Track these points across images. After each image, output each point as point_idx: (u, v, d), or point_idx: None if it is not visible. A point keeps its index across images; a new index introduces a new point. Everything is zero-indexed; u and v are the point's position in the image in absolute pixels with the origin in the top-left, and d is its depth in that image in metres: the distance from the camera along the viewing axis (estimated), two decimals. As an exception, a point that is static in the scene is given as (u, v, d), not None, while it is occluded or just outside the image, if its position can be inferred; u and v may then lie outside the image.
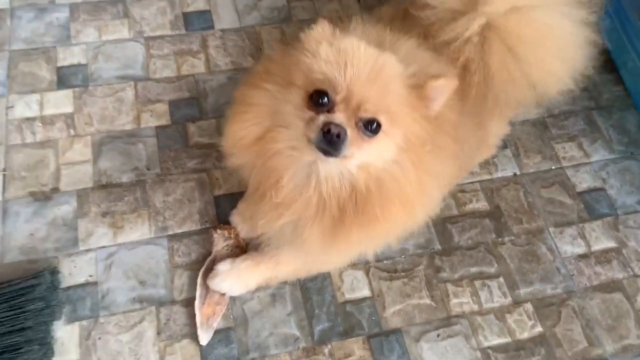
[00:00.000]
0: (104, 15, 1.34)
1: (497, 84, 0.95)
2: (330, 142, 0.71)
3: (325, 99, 0.72)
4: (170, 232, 1.07)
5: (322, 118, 0.72)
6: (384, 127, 0.74)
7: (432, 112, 0.78)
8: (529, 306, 1.05)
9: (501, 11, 0.90)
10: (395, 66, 0.76)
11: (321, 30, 0.77)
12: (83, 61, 1.27)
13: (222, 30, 1.36)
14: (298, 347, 0.98)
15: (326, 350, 0.98)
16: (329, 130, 0.70)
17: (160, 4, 1.38)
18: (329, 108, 0.72)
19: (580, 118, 1.29)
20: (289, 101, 0.76)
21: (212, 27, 1.36)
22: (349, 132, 0.71)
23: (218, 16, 1.38)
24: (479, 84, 0.95)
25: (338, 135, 0.71)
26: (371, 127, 0.73)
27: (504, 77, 0.95)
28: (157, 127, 1.19)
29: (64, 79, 1.24)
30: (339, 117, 0.72)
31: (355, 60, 0.73)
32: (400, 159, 0.77)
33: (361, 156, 0.75)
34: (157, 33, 1.33)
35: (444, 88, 0.77)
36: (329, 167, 0.77)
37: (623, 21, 1.26)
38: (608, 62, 1.37)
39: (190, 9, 1.38)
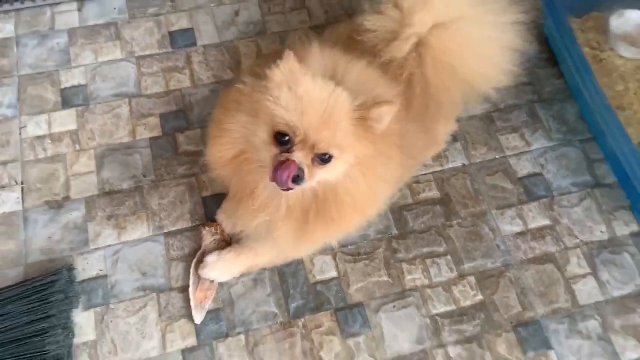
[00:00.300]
0: (99, 38, 1.50)
1: (435, 93, 1.11)
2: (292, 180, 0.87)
3: (287, 138, 0.87)
4: (166, 231, 1.25)
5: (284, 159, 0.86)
6: (335, 156, 0.89)
7: (378, 132, 0.93)
8: (472, 279, 1.22)
9: (425, 30, 1.05)
10: (345, 104, 0.89)
11: (284, 67, 0.89)
12: (83, 82, 1.43)
13: (204, 47, 1.51)
14: (277, 322, 1.16)
15: (300, 323, 1.16)
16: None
17: (148, 25, 1.53)
18: (290, 147, 0.87)
19: (524, 111, 1.44)
20: (257, 135, 0.90)
21: (195, 44, 1.52)
22: (306, 170, 0.87)
23: (200, 33, 1.53)
24: (420, 95, 1.11)
25: (298, 176, 0.86)
26: (324, 158, 0.89)
27: (440, 86, 1.10)
28: (150, 139, 1.36)
29: (67, 99, 1.41)
30: (298, 156, 0.86)
31: (311, 107, 0.87)
32: (351, 172, 0.93)
33: (317, 179, 0.91)
34: (147, 52, 1.49)
35: (387, 113, 0.91)
36: None
37: (556, 20, 1.40)
38: (551, 57, 1.52)
39: (175, 28, 1.54)
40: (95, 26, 1.52)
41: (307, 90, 0.88)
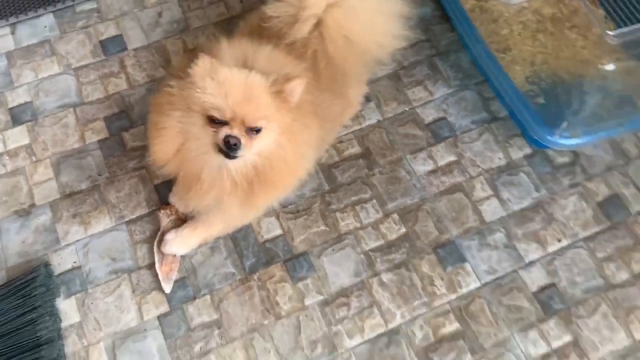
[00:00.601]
0: (35, 57, 1.58)
1: (338, 64, 1.24)
2: (230, 148, 1.01)
3: (219, 119, 1.01)
4: (126, 219, 1.37)
5: (223, 131, 1.00)
6: (263, 126, 1.03)
7: (293, 103, 1.06)
8: (395, 215, 1.40)
9: (320, 10, 1.17)
10: (261, 82, 1.02)
11: (202, 65, 1.01)
12: (28, 99, 1.52)
13: (135, 50, 1.61)
14: (235, 279, 1.32)
15: (256, 277, 1.32)
16: (229, 141, 1.00)
17: (79, 38, 1.62)
18: (224, 123, 1.01)
19: (425, 65, 1.60)
20: (193, 123, 1.03)
21: (125, 48, 1.61)
22: (242, 140, 1.01)
23: (129, 38, 1.63)
24: (326, 67, 1.24)
25: (235, 144, 1.00)
26: (255, 129, 1.02)
27: (341, 58, 1.23)
28: (99, 141, 1.46)
29: (16, 117, 1.49)
30: (235, 131, 1.00)
31: (233, 88, 1.00)
32: (279, 141, 1.07)
33: (253, 149, 1.04)
34: (82, 63, 1.58)
35: (297, 86, 1.04)
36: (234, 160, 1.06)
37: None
38: (443, 14, 1.67)
39: (105, 36, 1.63)
40: (30, 46, 1.60)
41: (226, 76, 1.01)
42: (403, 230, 1.38)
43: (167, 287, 1.29)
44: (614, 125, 1.36)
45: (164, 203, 1.38)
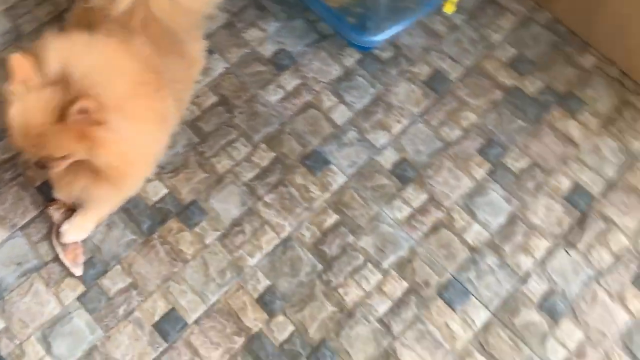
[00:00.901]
0: None
1: (168, 26, 1.29)
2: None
3: None
4: (19, 225, 1.40)
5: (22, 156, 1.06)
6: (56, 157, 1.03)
7: (98, 118, 1.00)
8: (263, 145, 1.52)
9: None
10: (46, 118, 0.98)
11: (6, 86, 1.01)
12: None
13: (-25, 70, 1.58)
14: (138, 243, 1.40)
15: (156, 235, 1.41)
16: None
17: None
18: None
19: (252, 8, 1.69)
20: None
21: (-36, 71, 1.58)
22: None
23: (-36, 61, 1.59)
24: (158, 32, 1.28)
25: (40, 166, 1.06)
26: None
27: (169, 20, 1.27)
28: (-33, 165, 1.46)
29: None
30: (32, 157, 1.05)
31: (16, 126, 1.00)
32: (97, 153, 1.04)
33: (61, 167, 1.07)
34: None
35: (84, 107, 0.97)
36: None
37: None
38: (257, -44, 1.76)
39: (-61, 65, 1.58)
40: None
41: (14, 112, 1.01)
42: (272, 154, 1.51)
43: (78, 271, 1.36)
44: (414, 12, 1.53)
45: (50, 200, 1.42)
